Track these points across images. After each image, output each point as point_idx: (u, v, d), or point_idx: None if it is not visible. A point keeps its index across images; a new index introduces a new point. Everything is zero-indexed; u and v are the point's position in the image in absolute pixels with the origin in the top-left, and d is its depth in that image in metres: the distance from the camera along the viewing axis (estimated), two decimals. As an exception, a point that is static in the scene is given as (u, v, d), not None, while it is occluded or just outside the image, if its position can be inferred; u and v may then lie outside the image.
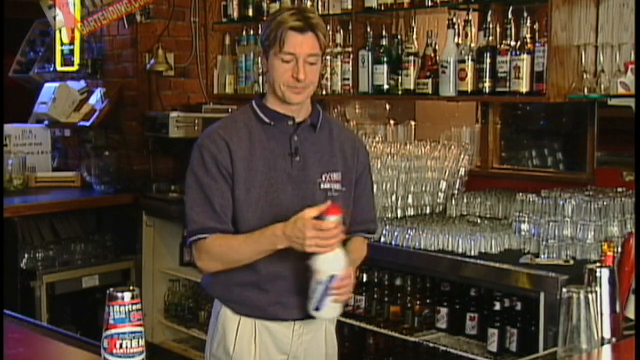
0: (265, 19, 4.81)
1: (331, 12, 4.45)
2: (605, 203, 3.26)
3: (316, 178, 2.53)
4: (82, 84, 5.76)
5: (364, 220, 2.69)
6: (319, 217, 2.33)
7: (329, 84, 4.42)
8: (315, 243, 2.31)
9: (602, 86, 3.45)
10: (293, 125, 2.54)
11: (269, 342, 2.56)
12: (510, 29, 3.63)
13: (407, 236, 3.57)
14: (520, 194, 3.49)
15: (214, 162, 2.47)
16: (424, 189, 4.12)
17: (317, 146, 2.56)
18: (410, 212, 4.07)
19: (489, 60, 3.68)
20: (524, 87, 3.55)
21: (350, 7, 4.31)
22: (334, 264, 2.38)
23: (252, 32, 5.06)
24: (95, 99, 5.60)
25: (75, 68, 5.63)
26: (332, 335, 2.70)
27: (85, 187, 5.54)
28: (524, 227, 3.43)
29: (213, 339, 2.62)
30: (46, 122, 5.80)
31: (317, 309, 2.45)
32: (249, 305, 2.55)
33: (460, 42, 3.83)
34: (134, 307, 1.76)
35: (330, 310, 2.46)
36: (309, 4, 4.54)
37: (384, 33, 4.19)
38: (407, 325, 3.73)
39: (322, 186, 2.54)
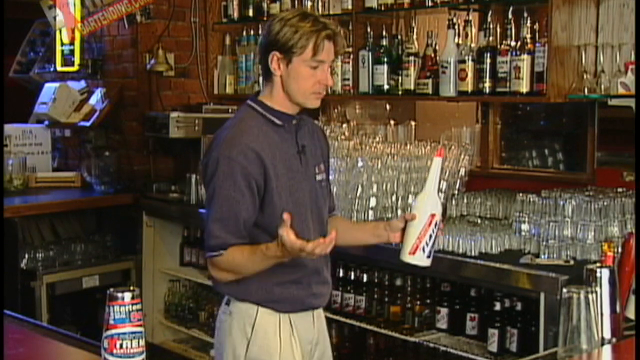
0: (265, 19, 4.81)
1: (331, 12, 4.45)
2: (605, 203, 3.26)
3: (313, 171, 2.65)
4: (82, 84, 5.76)
5: (332, 197, 2.86)
6: None
7: (329, 84, 4.41)
8: (317, 252, 2.34)
9: (602, 86, 3.45)
10: (296, 124, 2.61)
11: (302, 335, 2.65)
12: (510, 29, 3.63)
13: (407, 236, 3.56)
14: (520, 194, 3.49)
15: (243, 176, 2.47)
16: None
17: (307, 140, 2.67)
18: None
19: (489, 60, 3.68)
20: (524, 87, 3.55)
21: (350, 7, 4.31)
22: (441, 206, 2.51)
23: (252, 32, 5.06)
24: (95, 99, 5.60)
25: (75, 68, 5.63)
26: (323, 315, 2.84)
27: (85, 187, 5.54)
28: (524, 227, 3.42)
29: (250, 342, 2.58)
30: (46, 122, 5.80)
31: (429, 256, 2.50)
32: (290, 301, 2.61)
33: (460, 42, 3.83)
34: (134, 307, 1.76)
35: (432, 258, 2.53)
36: (309, 4, 4.54)
37: (384, 33, 4.19)
38: (407, 325, 3.73)
39: (317, 177, 2.66)
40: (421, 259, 2.50)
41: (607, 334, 2.25)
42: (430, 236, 2.47)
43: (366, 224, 2.74)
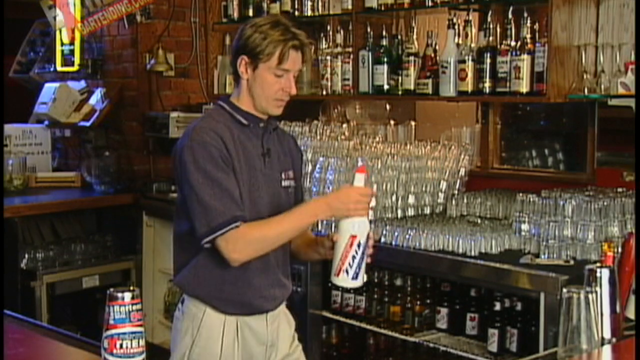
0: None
1: (331, 12, 4.44)
2: (605, 203, 3.26)
3: (278, 176, 2.69)
4: (82, 84, 5.77)
5: None
6: None
7: (329, 84, 4.41)
8: (362, 207, 2.47)
9: (602, 86, 3.45)
10: (263, 127, 2.68)
11: (249, 337, 2.65)
12: (510, 29, 3.63)
13: (407, 236, 3.56)
14: (520, 194, 3.49)
15: (220, 157, 2.51)
16: (424, 189, 4.12)
17: (275, 146, 2.72)
18: (410, 212, 4.06)
19: (489, 60, 3.68)
20: (524, 87, 3.55)
21: (350, 7, 4.31)
22: (366, 226, 2.49)
23: (252, 32, 5.05)
24: (95, 99, 5.60)
25: (75, 68, 5.63)
26: (289, 314, 2.84)
27: (85, 187, 5.54)
28: (524, 227, 3.42)
29: (194, 344, 2.62)
30: (46, 122, 5.80)
31: (355, 277, 2.48)
32: (238, 302, 2.62)
33: (460, 42, 3.83)
34: (134, 307, 1.76)
35: (363, 276, 2.52)
36: (309, 4, 4.54)
37: (384, 33, 4.18)
38: (407, 325, 3.73)
39: (283, 183, 2.70)
40: (345, 281, 2.49)
41: (607, 334, 2.25)
42: (354, 257, 2.45)
43: (314, 240, 2.73)
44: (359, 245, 2.45)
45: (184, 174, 2.53)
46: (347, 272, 2.47)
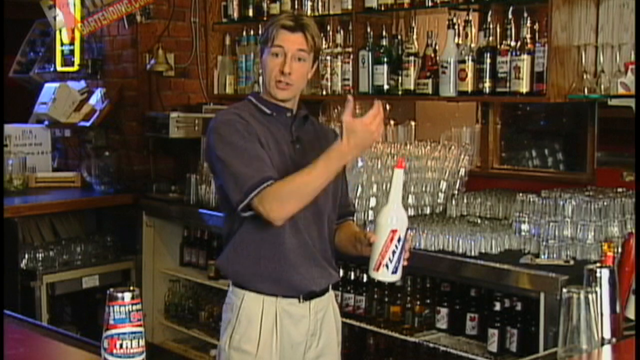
0: (265, 19, 4.82)
1: (331, 12, 4.44)
2: (605, 203, 3.26)
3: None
4: (82, 84, 5.76)
5: (348, 203, 2.93)
6: None
7: (329, 84, 4.41)
8: (378, 125, 2.47)
9: (602, 86, 3.45)
10: (291, 116, 2.72)
11: (289, 325, 2.66)
12: (510, 29, 3.63)
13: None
14: (520, 194, 3.49)
15: (245, 130, 2.57)
16: (424, 189, 4.12)
17: (309, 136, 2.76)
18: (410, 212, 4.06)
19: (489, 60, 3.67)
20: (524, 87, 3.55)
21: (350, 7, 4.31)
22: (405, 220, 2.47)
23: (252, 32, 5.05)
24: (95, 99, 5.60)
25: (75, 68, 5.64)
26: (337, 308, 2.85)
27: (85, 187, 5.54)
28: (524, 227, 3.42)
29: (234, 331, 2.66)
30: (46, 122, 5.80)
31: (395, 271, 2.47)
32: (275, 278, 2.63)
33: (460, 42, 3.83)
34: (134, 307, 1.76)
35: (401, 271, 2.50)
36: (309, 4, 4.54)
37: (384, 33, 4.18)
38: (407, 325, 3.74)
39: None
40: (385, 275, 2.48)
41: (607, 334, 2.25)
42: (394, 252, 2.44)
43: (354, 234, 2.72)
44: (399, 240, 2.44)
45: (213, 153, 2.59)
46: (387, 266, 2.45)
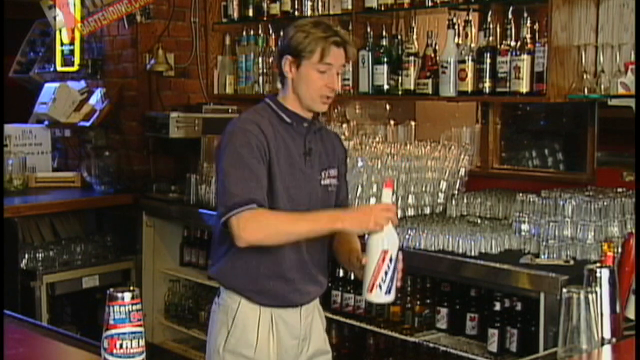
0: (265, 19, 4.83)
1: (331, 12, 4.45)
2: (605, 203, 3.26)
3: (318, 175, 2.72)
4: (82, 84, 5.76)
5: (346, 207, 2.93)
6: None
7: (329, 84, 4.41)
8: (383, 221, 2.45)
9: (602, 86, 3.45)
10: (307, 127, 2.72)
11: (283, 330, 2.70)
12: (510, 29, 3.63)
13: (407, 236, 3.56)
14: (520, 194, 3.49)
15: (256, 146, 2.58)
16: (424, 189, 4.12)
17: (318, 145, 2.76)
18: (410, 212, 4.07)
19: (489, 60, 3.68)
20: (524, 87, 3.55)
21: (350, 7, 4.31)
22: (396, 240, 2.48)
23: (252, 32, 5.06)
24: (95, 99, 5.59)
25: (75, 68, 5.63)
26: (321, 310, 2.89)
27: (85, 187, 5.54)
28: (524, 227, 3.42)
29: (229, 335, 2.67)
30: (46, 122, 5.79)
31: (388, 292, 2.47)
32: (273, 294, 2.67)
33: (460, 42, 3.83)
34: (134, 307, 1.76)
35: (395, 291, 2.50)
36: (309, 4, 4.54)
37: (384, 33, 4.19)
38: (407, 325, 3.74)
39: (322, 182, 2.73)
40: (379, 296, 2.48)
41: (607, 334, 2.25)
42: (386, 273, 2.44)
43: (349, 251, 2.73)
44: (390, 260, 2.45)
45: (221, 156, 2.60)
46: (380, 287, 2.46)
